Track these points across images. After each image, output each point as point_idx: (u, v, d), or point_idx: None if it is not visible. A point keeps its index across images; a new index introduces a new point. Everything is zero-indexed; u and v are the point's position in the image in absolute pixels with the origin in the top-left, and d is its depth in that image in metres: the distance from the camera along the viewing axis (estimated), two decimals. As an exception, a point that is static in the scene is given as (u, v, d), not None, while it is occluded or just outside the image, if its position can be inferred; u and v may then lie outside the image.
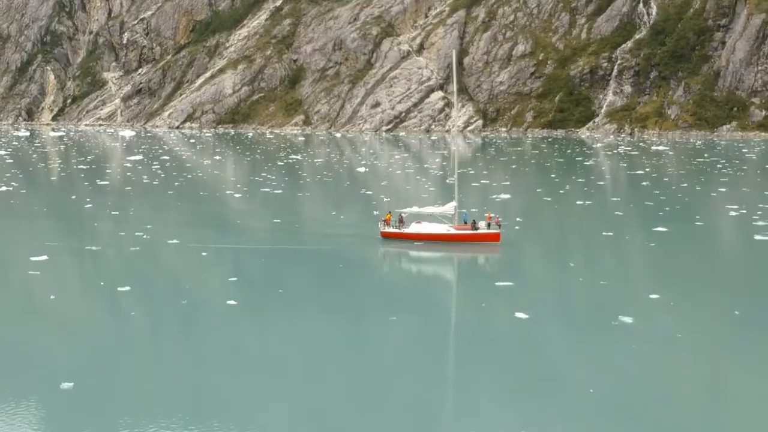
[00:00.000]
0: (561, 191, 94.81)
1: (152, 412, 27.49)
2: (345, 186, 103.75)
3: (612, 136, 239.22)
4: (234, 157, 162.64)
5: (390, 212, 60.99)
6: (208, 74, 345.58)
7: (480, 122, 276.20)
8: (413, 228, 58.64)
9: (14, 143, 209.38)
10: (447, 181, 63.61)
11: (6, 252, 58.00)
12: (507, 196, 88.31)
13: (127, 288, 43.91)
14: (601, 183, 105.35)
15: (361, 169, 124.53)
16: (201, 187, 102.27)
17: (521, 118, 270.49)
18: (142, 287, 45.75)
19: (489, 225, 57.50)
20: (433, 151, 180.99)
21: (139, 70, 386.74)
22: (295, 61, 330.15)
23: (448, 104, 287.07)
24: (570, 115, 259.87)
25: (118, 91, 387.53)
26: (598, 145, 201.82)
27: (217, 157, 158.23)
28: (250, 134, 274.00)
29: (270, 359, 33.48)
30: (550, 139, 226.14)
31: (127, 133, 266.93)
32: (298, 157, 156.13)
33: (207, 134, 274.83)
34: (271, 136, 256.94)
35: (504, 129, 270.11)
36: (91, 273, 51.62)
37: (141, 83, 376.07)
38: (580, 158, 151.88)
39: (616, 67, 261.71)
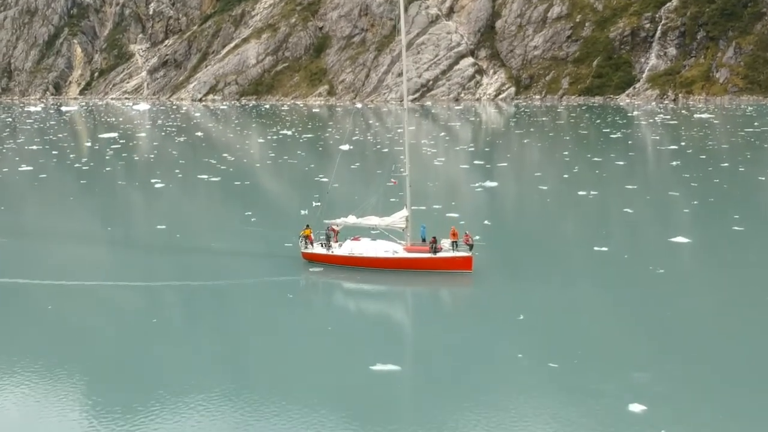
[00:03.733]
0: (566, 175, 79.05)
1: None
2: (303, 171, 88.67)
3: (654, 103, 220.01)
4: (214, 133, 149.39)
5: (308, 225, 45.39)
6: (232, 45, 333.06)
7: (512, 90, 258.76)
8: (347, 248, 43.60)
9: (7, 119, 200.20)
10: (390, 181, 46.77)
11: None
12: (493, 183, 73.01)
13: None
14: (621, 163, 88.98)
15: (345, 147, 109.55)
16: (120, 174, 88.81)
17: (556, 84, 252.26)
18: None
19: (455, 244, 41.75)
20: (440, 123, 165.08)
21: (165, 42, 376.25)
22: (320, 28, 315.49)
23: (479, 71, 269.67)
24: (608, 80, 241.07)
25: (144, 64, 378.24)
26: (636, 112, 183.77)
27: (199, 133, 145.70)
28: (267, 106, 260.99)
29: None
30: (584, 107, 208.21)
31: (141, 107, 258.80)
32: (289, 132, 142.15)
33: (223, 107, 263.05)
34: (286, 108, 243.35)
35: (538, 97, 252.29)
36: None
37: (167, 55, 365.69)
38: (608, 129, 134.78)
39: (659, 27, 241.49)
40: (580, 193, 66.32)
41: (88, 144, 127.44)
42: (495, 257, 43.72)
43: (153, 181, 79.97)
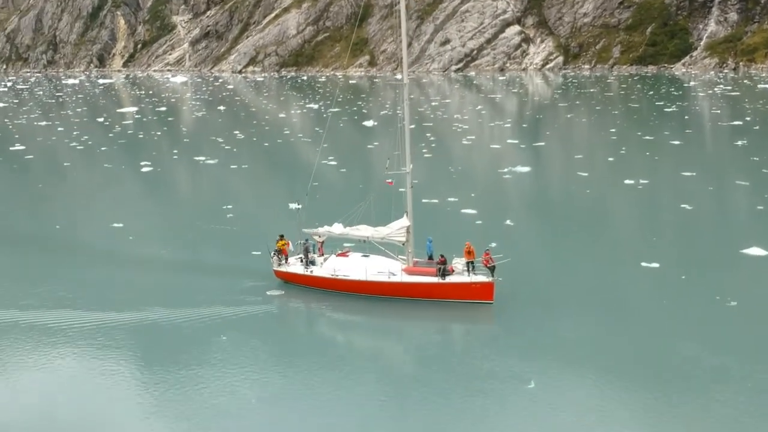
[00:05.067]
0: (611, 158, 68.19)
1: None
2: (312, 153, 79.01)
3: (712, 73, 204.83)
4: (237, 107, 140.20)
5: (282, 236, 35.65)
6: (272, 15, 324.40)
7: (560, 59, 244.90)
8: (331, 266, 33.95)
9: (38, 92, 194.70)
10: (386, 180, 35.78)
11: None
12: (525, 169, 62.67)
13: None
14: (676, 142, 77.58)
15: (369, 123, 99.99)
16: (112, 156, 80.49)
17: (607, 53, 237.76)
18: None
19: (470, 266, 31.91)
20: (478, 94, 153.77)
21: (207, 13, 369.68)
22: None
23: (526, 39, 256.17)
24: (663, 48, 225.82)
25: (186, 35, 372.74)
26: (693, 83, 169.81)
27: (221, 107, 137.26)
28: (305, 77, 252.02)
29: None
30: (637, 77, 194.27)
31: (178, 79, 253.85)
32: (316, 105, 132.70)
33: (260, 78, 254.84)
34: (323, 79, 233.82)
35: (587, 66, 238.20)
36: None
37: (208, 26, 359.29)
38: (661, 102, 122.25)
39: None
40: (627, 182, 55.70)
41: (101, 119, 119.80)
42: (521, 278, 33.56)
43: (143, 164, 71.76)
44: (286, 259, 35.32)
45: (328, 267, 34.07)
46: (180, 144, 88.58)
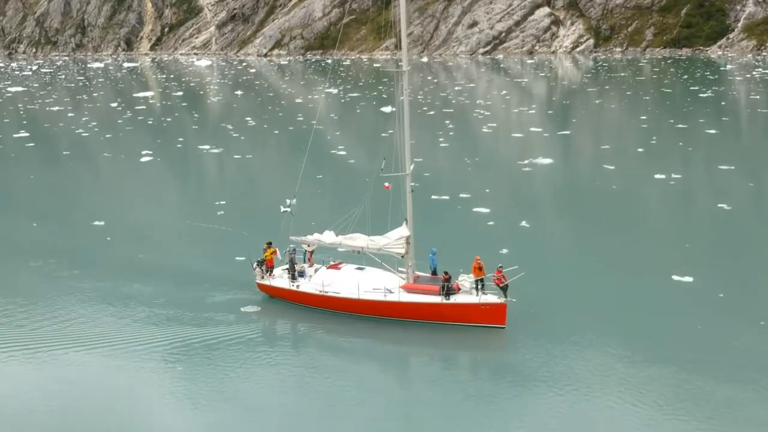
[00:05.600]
0: (641, 149, 63.19)
1: None
2: (322, 142, 74.86)
3: (750, 56, 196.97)
4: (255, 92, 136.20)
5: (269, 243, 31.56)
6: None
7: (591, 42, 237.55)
8: (320, 279, 29.73)
9: (60, 75, 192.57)
10: (384, 184, 30.94)
11: None
12: (547, 161, 57.95)
13: None
14: (712, 131, 72.14)
15: (387, 109, 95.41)
16: (114, 145, 77.03)
17: (639, 35, 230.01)
18: None
19: (479, 283, 27.58)
20: (504, 78, 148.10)
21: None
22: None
23: (555, 22, 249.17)
24: (698, 31, 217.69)
25: (213, 19, 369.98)
26: (730, 66, 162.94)
27: (238, 92, 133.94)
28: (329, 60, 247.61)
29: None
30: (670, 60, 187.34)
31: (202, 62, 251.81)
32: (335, 90, 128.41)
33: (284, 62, 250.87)
34: (347, 63, 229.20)
35: (619, 49, 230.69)
36: None
37: (234, 9, 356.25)
38: (696, 87, 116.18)
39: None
40: (658, 176, 50.84)
41: (114, 105, 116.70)
42: (537, 294, 29.13)
43: (144, 153, 68.24)
44: (271, 270, 31.26)
45: (316, 281, 29.90)
46: (188, 131, 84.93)
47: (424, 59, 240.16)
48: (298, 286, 30.14)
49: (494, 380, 23.72)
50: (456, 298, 27.59)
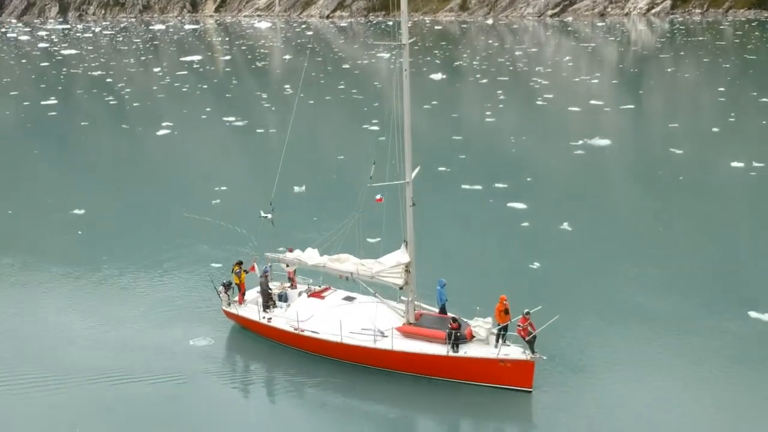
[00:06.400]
0: (715, 129, 54.47)
1: None
2: (354, 117, 67.87)
3: None
4: (303, 56, 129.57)
5: (239, 263, 25.36)
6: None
7: (668, 3, 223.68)
8: (296, 311, 23.49)
9: (118, 37, 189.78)
10: (376, 197, 23.97)
11: None
12: (604, 141, 50.18)
13: None
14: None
15: (437, 76, 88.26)
16: (137, 115, 71.61)
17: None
18: None
19: (501, 333, 20.79)
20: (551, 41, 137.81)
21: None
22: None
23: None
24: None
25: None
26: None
27: (286, 56, 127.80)
28: (390, 22, 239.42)
29: None
30: (755, 23, 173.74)
31: (262, 24, 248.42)
32: (387, 55, 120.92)
33: (343, 24, 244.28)
34: (409, 24, 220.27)
35: (698, 11, 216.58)
36: None
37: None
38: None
39: None
40: (735, 165, 42.70)
41: (157, 69, 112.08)
42: (575, 334, 22.44)
43: (164, 125, 62.93)
44: (243, 294, 25.09)
45: (292, 314, 23.55)
46: (219, 100, 79.28)
47: (489, 21, 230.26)
48: (269, 320, 23.88)
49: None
50: (467, 350, 20.83)
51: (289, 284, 26.13)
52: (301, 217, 36.66)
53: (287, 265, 25.54)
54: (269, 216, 25.91)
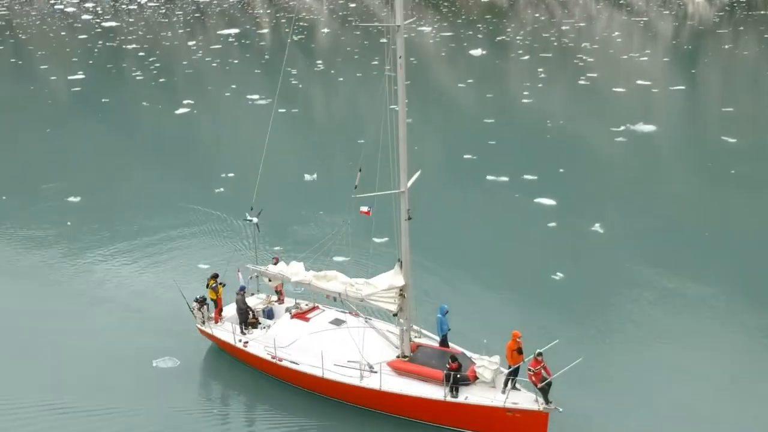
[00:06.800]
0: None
1: None
2: (373, 103, 64.04)
3: None
4: (341, 29, 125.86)
5: (215, 276, 22.33)
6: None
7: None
8: (275, 335, 20.43)
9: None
10: (361, 209, 20.39)
11: None
12: (649, 127, 46.15)
13: None
14: None
15: (476, 52, 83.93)
16: (160, 92, 69.00)
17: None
18: None
19: (510, 379, 17.33)
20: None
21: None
22: None
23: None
24: None
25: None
26: None
27: (324, 30, 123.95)
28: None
29: None
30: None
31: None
32: (428, 28, 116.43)
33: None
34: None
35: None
36: None
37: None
38: None
39: None
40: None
41: (191, 43, 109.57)
42: (602, 385, 18.99)
43: (184, 102, 60.32)
44: (220, 311, 22.11)
45: (270, 339, 20.46)
46: (246, 77, 76.20)
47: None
48: (245, 344, 20.84)
49: None
50: (469, 394, 17.53)
51: (276, 298, 23.17)
52: (306, 209, 33.60)
53: (269, 280, 22.50)
54: (255, 220, 22.81)
